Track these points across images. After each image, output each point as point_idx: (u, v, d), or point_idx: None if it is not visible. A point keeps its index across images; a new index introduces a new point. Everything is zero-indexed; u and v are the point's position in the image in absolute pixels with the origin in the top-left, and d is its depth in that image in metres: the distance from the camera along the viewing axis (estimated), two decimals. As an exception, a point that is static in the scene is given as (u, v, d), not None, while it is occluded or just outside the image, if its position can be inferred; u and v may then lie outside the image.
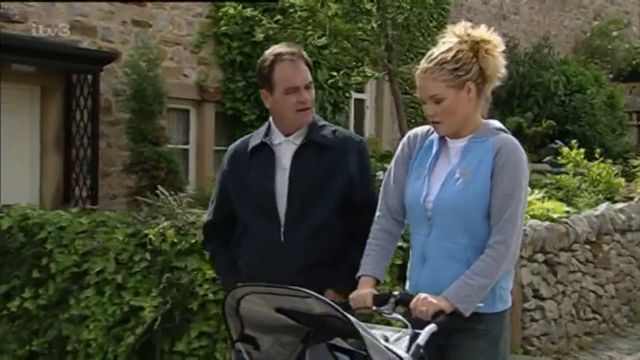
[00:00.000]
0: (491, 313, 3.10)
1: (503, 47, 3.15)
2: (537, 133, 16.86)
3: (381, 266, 3.29)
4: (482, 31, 3.13)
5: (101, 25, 10.14)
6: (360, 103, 15.58)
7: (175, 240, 5.67)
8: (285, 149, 3.53)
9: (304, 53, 3.58)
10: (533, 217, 6.90)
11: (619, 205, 8.53)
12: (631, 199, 9.56)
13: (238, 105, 11.62)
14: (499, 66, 3.13)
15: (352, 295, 3.19)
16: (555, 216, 7.18)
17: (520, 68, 18.62)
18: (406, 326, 2.97)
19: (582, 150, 10.77)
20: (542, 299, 6.60)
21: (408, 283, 3.30)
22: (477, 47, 3.10)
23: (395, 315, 3.09)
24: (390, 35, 7.95)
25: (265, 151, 3.55)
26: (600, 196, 9.58)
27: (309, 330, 2.91)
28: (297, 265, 3.40)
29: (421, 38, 15.12)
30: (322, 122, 3.63)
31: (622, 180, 10.19)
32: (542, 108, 18.30)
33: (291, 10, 7.83)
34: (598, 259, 7.39)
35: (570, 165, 10.00)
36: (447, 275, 3.04)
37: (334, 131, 3.59)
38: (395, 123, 16.52)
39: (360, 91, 15.40)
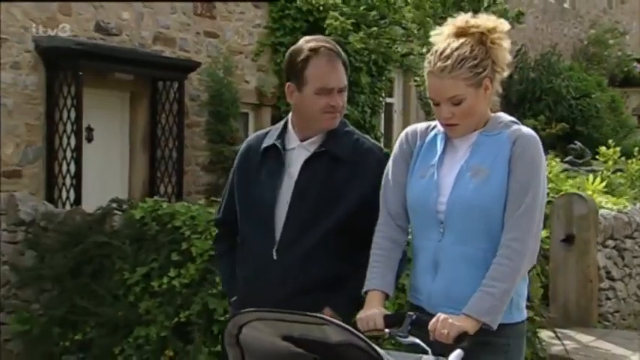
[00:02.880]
0: (510, 324, 2.75)
1: (507, 27, 2.81)
2: (551, 134, 17.64)
3: (388, 279, 2.86)
4: (485, 19, 2.80)
5: (179, 36, 10.76)
6: (389, 107, 16.25)
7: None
8: (297, 156, 3.10)
9: (341, 51, 3.14)
10: (601, 207, 7.61)
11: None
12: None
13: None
14: (507, 55, 2.81)
15: (359, 316, 2.77)
16: (616, 207, 7.90)
17: (531, 74, 19.45)
18: (426, 352, 2.61)
19: (618, 149, 11.56)
20: (614, 280, 7.32)
21: (414, 294, 2.90)
22: (484, 39, 2.77)
23: (412, 339, 2.66)
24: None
25: (276, 155, 3.12)
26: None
27: (315, 357, 2.55)
28: (291, 287, 3.00)
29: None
30: (347, 128, 3.17)
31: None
32: (553, 111, 19.11)
33: (382, 22, 8.50)
34: (654, 246, 8.13)
35: (610, 162, 10.73)
36: (466, 283, 2.70)
37: (356, 140, 3.13)
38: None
39: (390, 95, 16.08)
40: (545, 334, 5.92)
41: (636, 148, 12.60)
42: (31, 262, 7.80)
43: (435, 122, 2.91)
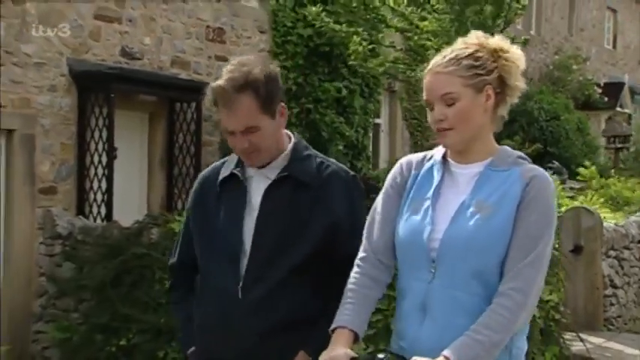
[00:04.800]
0: None
1: (523, 63, 2.51)
2: (527, 155, 18.10)
3: (361, 318, 2.50)
4: (498, 40, 2.51)
5: (193, 59, 11.05)
6: (376, 127, 16.60)
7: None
8: (257, 184, 2.78)
9: (255, 81, 2.71)
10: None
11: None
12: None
13: (292, 129, 12.35)
14: (519, 77, 2.50)
15: (322, 357, 2.42)
16: (612, 221, 8.32)
17: (505, 96, 20.03)
18: None
19: (594, 168, 12.05)
20: (616, 288, 7.73)
21: (397, 340, 2.53)
22: (495, 54, 2.47)
23: None
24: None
25: (235, 184, 2.80)
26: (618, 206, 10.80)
27: None
28: (259, 327, 2.67)
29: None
30: (308, 152, 2.85)
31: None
32: (526, 132, 19.65)
33: (399, 48, 8.88)
34: (647, 257, 8.58)
35: (594, 181, 11.21)
36: (457, 331, 2.33)
37: (320, 164, 2.80)
38: (405, 145, 17.69)
39: (377, 116, 16.46)
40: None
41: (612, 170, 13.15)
42: (69, 274, 8.02)
43: (432, 152, 2.61)
